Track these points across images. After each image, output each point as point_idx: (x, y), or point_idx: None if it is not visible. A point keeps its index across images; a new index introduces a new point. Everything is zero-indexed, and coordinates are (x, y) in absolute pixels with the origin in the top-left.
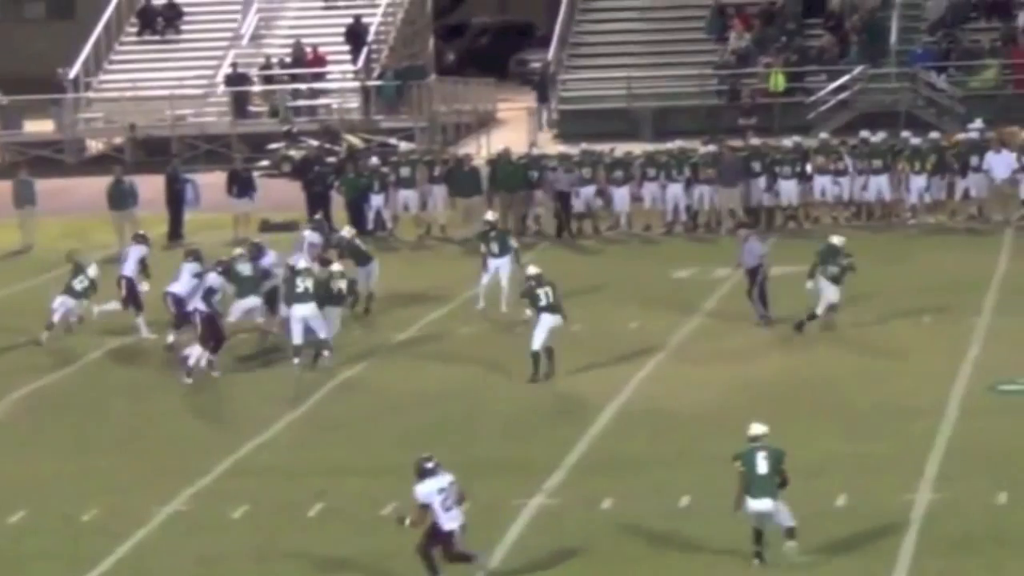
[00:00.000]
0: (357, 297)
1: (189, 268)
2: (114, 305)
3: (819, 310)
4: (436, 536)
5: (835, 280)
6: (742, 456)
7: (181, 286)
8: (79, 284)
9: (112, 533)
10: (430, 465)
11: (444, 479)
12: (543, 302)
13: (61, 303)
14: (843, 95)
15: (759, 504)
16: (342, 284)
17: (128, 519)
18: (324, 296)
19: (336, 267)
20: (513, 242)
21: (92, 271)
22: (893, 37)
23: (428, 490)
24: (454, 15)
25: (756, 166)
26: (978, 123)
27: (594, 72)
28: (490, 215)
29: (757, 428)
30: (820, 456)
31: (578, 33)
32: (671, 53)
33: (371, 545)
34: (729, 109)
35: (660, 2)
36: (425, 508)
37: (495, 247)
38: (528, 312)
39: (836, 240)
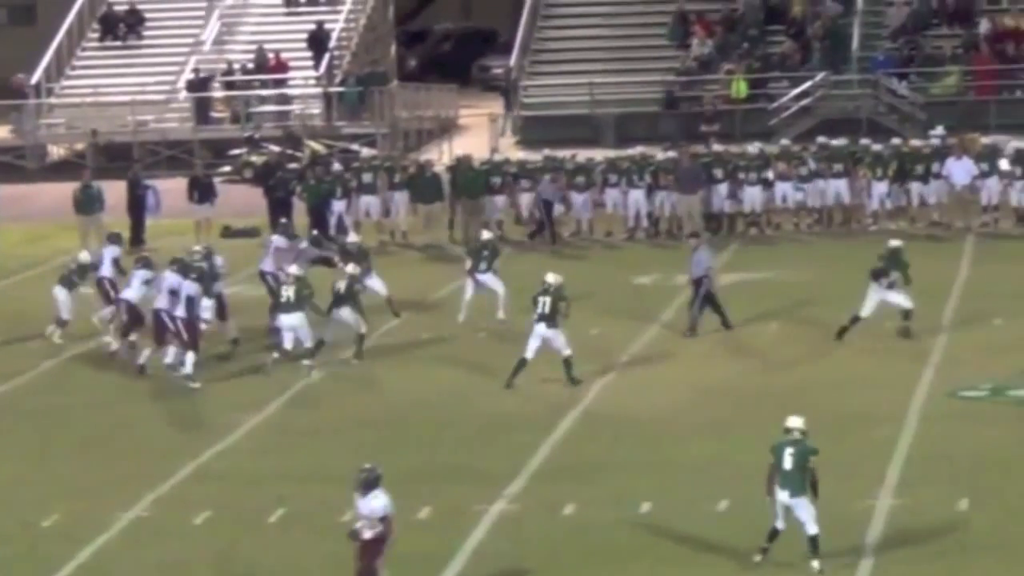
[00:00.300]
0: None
1: (140, 275)
2: (108, 310)
3: (905, 304)
4: (381, 548)
5: (892, 286)
6: (774, 448)
7: (133, 292)
8: (67, 269)
9: (73, 539)
10: (377, 474)
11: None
12: (539, 310)
13: (57, 294)
14: (805, 101)
15: (781, 495)
16: (340, 285)
17: (89, 525)
18: (336, 299)
19: (349, 268)
20: (497, 263)
21: (83, 256)
22: (855, 44)
23: (387, 500)
24: (416, 21)
25: (718, 172)
26: (939, 130)
27: (556, 78)
28: (486, 233)
29: (791, 421)
30: (764, 462)
31: (540, 39)
32: (633, 60)
33: (332, 551)
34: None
35: (622, 9)
36: (389, 518)
37: (484, 265)
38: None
39: (897, 243)
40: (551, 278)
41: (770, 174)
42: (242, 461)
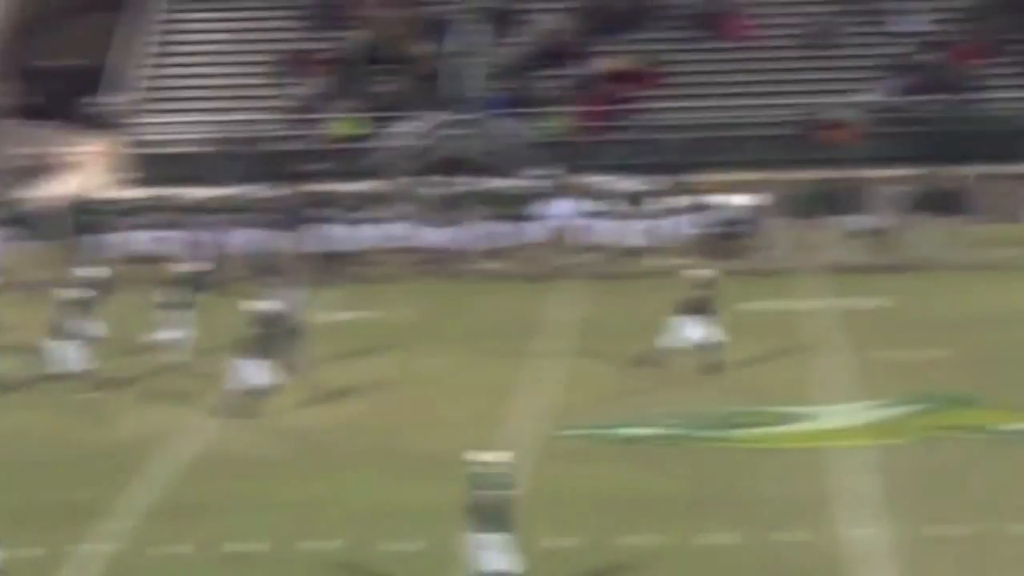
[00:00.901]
0: None
1: None
2: None
3: (712, 338)
4: None
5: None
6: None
7: None
8: None
9: None
10: None
11: None
12: (245, 340)
13: None
14: (416, 141)
15: (472, 532)
16: (59, 315)
17: None
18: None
19: (74, 294)
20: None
21: None
22: (466, 83)
23: None
24: (24, 57)
25: (325, 212)
26: (543, 170)
27: (171, 116)
28: (191, 266)
29: (485, 456)
30: (375, 502)
31: (153, 77)
32: (246, 98)
33: None
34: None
35: (237, 47)
36: None
37: (192, 299)
38: None
39: (711, 272)
40: (260, 306)
41: (378, 214)
42: None
